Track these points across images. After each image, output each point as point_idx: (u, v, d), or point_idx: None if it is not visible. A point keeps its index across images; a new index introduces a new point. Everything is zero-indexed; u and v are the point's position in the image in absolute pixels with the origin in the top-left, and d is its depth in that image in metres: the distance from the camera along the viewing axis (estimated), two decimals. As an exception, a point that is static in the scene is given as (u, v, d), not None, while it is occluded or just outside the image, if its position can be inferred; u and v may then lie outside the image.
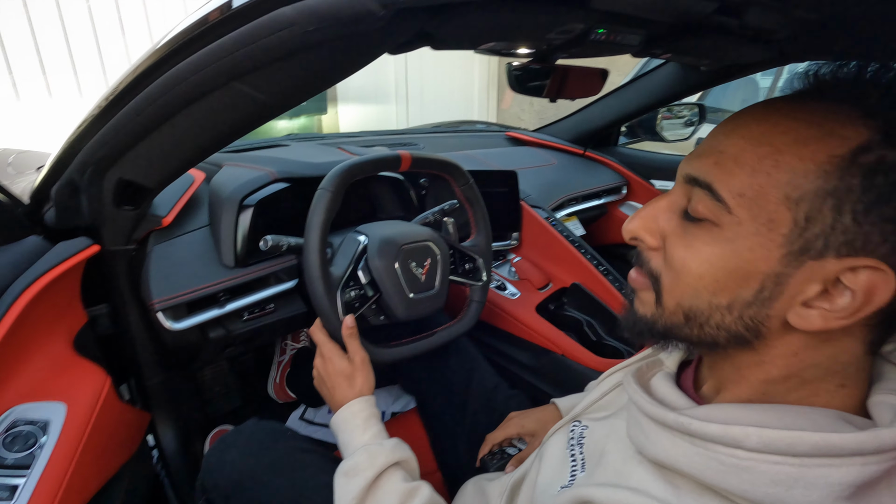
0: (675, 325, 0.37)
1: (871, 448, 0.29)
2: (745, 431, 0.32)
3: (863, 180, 0.29)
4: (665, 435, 0.36)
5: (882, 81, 0.31)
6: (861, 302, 0.30)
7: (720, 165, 0.33)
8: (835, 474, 0.29)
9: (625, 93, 1.59)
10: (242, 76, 0.48)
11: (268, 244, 0.76)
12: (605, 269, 1.13)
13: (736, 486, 0.32)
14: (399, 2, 0.32)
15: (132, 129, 0.60)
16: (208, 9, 0.47)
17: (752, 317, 0.34)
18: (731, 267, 0.33)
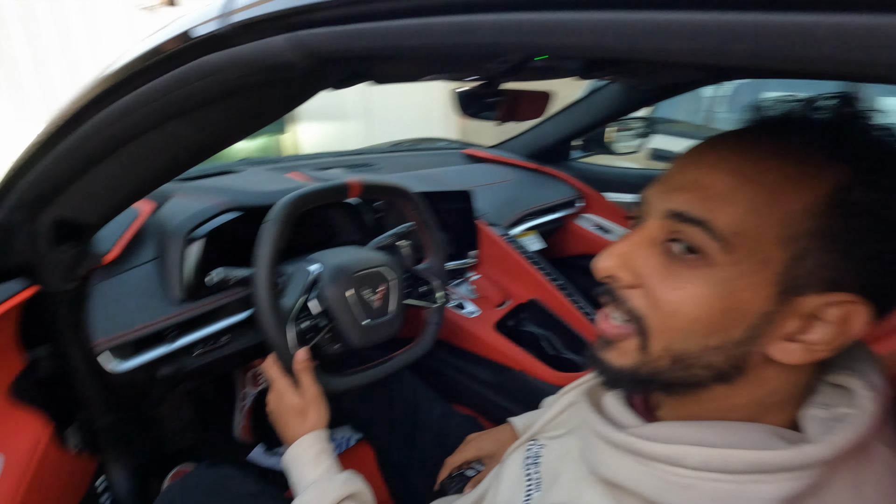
0: (660, 370, 0.36)
1: (798, 464, 0.31)
2: (686, 450, 0.33)
3: (845, 220, 0.30)
4: (614, 454, 0.37)
5: (844, 123, 0.33)
6: (838, 334, 0.32)
7: (710, 201, 0.32)
8: (766, 490, 0.31)
9: (577, 109, 1.65)
10: (177, 117, 0.48)
11: (215, 279, 0.75)
12: (562, 283, 1.16)
13: (678, 503, 0.33)
14: (320, 56, 0.33)
15: (67, 168, 0.59)
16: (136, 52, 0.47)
17: (739, 355, 0.34)
18: (725, 307, 0.32)
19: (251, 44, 0.36)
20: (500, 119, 0.90)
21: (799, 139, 0.33)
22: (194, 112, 0.48)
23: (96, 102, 0.51)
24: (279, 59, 0.35)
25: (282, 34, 0.34)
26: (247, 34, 0.37)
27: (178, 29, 0.42)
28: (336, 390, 0.77)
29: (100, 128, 0.52)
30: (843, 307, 0.31)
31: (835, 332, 0.32)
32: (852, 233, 0.30)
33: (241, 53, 0.37)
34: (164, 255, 0.81)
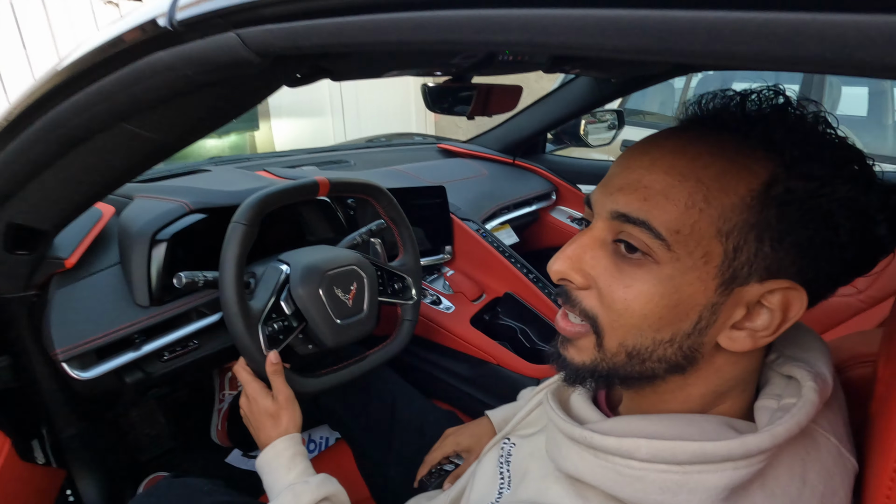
0: (617, 365, 0.37)
1: (740, 454, 0.32)
2: (637, 443, 0.34)
3: (777, 211, 0.31)
4: (574, 449, 0.38)
5: (775, 115, 0.34)
6: (780, 319, 0.33)
7: (650, 201, 0.33)
8: (711, 479, 0.32)
9: (548, 102, 1.65)
10: (129, 118, 0.46)
11: (182, 281, 0.73)
12: (535, 276, 1.17)
13: (631, 494, 0.34)
14: (273, 52, 0.33)
15: (16, 172, 0.56)
16: (87, 48, 0.45)
17: (690, 346, 0.35)
18: (673, 303, 0.34)
19: (202, 40, 0.35)
20: (472, 114, 0.90)
21: (732, 134, 0.34)
22: (147, 111, 0.46)
23: (45, 102, 0.49)
24: (232, 57, 0.34)
25: (230, 31, 0.33)
26: (194, 31, 0.36)
27: (127, 25, 0.41)
28: (311, 391, 0.76)
29: (49, 129, 0.50)
30: (782, 293, 0.33)
31: (776, 318, 0.33)
32: (785, 222, 0.32)
33: (193, 51, 0.36)
34: (127, 258, 0.78)
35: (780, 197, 0.31)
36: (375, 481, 0.87)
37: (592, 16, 0.19)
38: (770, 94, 0.34)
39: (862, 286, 1.05)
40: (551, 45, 0.22)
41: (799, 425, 0.33)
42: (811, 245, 0.32)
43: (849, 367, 0.49)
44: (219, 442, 1.23)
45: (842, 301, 1.05)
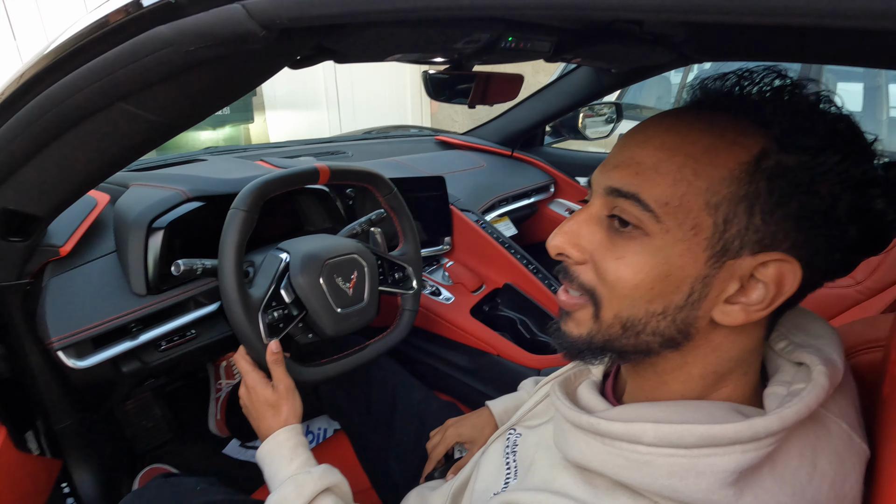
0: (612, 337, 0.37)
1: (748, 436, 0.31)
2: (643, 427, 0.34)
3: (767, 184, 0.32)
4: (582, 437, 0.38)
5: (770, 93, 0.34)
6: (774, 293, 0.33)
7: (641, 175, 0.34)
8: (719, 462, 0.32)
9: (547, 94, 1.64)
10: (127, 97, 0.45)
11: (180, 269, 0.72)
12: (535, 267, 1.16)
13: (639, 479, 0.34)
14: (280, 24, 0.31)
15: (9, 155, 0.55)
16: (83, 24, 0.44)
17: (684, 319, 0.35)
18: (663, 274, 0.34)
19: (205, 13, 0.34)
20: (471, 102, 0.89)
21: (722, 112, 0.35)
22: (146, 90, 0.45)
23: (38, 81, 0.48)
24: (236, 29, 0.33)
25: (235, 2, 0.32)
26: (197, 3, 0.34)
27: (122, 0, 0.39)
28: (312, 381, 0.76)
29: (43, 109, 0.49)
30: (775, 266, 0.33)
31: (770, 291, 0.33)
32: (776, 195, 0.32)
33: (194, 24, 0.35)
34: (124, 246, 0.77)
35: (770, 170, 0.32)
36: (376, 471, 0.87)
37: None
38: (766, 74, 0.35)
39: (860, 277, 1.06)
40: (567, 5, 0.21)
41: (808, 408, 0.32)
42: (804, 218, 0.32)
43: (857, 352, 0.49)
44: (217, 432, 1.22)
45: (840, 292, 1.05)
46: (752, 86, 0.35)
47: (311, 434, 1.21)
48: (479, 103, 0.88)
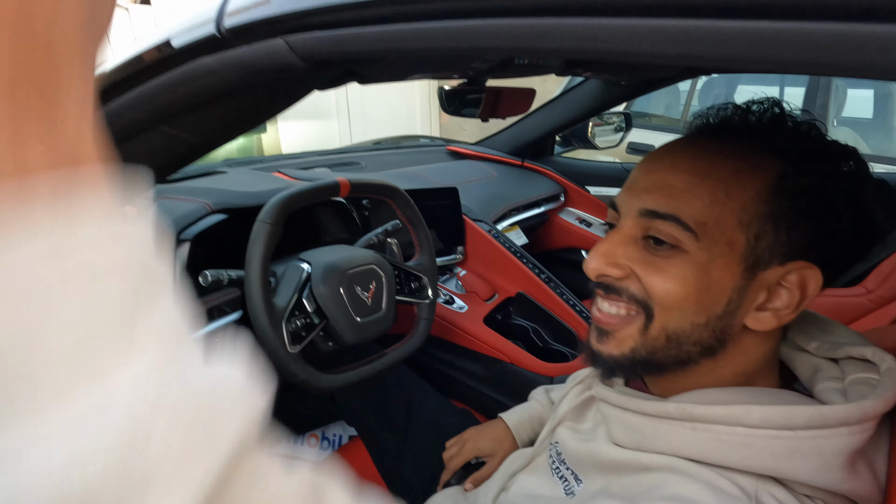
0: (656, 350, 0.39)
1: (856, 418, 0.33)
2: (747, 409, 0.34)
3: (789, 202, 0.36)
4: (664, 426, 0.38)
5: (777, 123, 0.38)
6: (799, 297, 0.37)
7: (676, 198, 0.37)
8: (825, 444, 0.33)
9: (557, 105, 1.67)
10: (169, 120, 0.48)
11: (208, 280, 0.75)
12: (547, 276, 1.18)
13: (739, 461, 0.34)
14: (318, 57, 0.34)
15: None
16: (129, 54, 0.47)
17: (722, 328, 0.38)
18: (705, 286, 0.37)
19: (248, 46, 0.37)
20: (481, 116, 0.92)
21: (738, 140, 0.38)
22: (186, 114, 0.48)
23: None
24: (278, 62, 0.35)
25: (278, 38, 0.35)
26: (241, 38, 0.37)
27: (170, 32, 0.43)
28: (331, 388, 0.78)
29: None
30: (798, 273, 0.37)
31: (796, 296, 0.37)
32: (796, 212, 0.36)
33: (238, 56, 0.37)
34: (152, 258, 0.80)
35: (791, 190, 0.36)
36: (392, 477, 0.89)
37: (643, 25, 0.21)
38: (767, 103, 0.39)
39: (871, 286, 1.06)
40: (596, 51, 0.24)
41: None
42: (819, 230, 0.36)
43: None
44: None
45: (852, 301, 1.06)
46: (758, 116, 0.38)
47: (327, 440, 1.23)
48: (489, 117, 0.91)
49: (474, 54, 0.25)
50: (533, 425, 0.74)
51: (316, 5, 0.32)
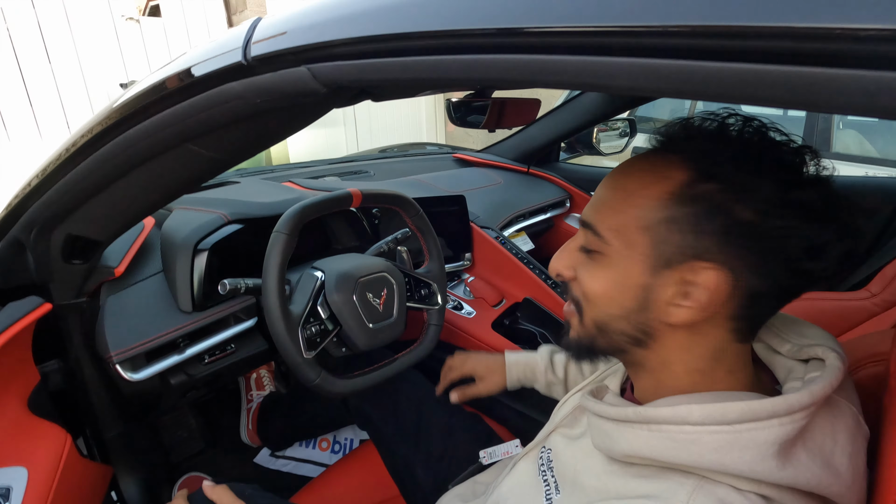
0: (593, 338, 0.46)
1: (784, 410, 0.36)
2: (689, 408, 0.38)
3: (691, 207, 0.39)
4: (628, 430, 0.42)
5: (697, 133, 0.41)
6: (708, 295, 0.39)
7: (597, 209, 0.44)
8: (760, 436, 0.36)
9: (562, 112, 1.69)
10: (195, 139, 0.51)
11: (226, 288, 0.77)
12: (553, 282, 1.20)
13: (687, 458, 0.38)
14: (339, 84, 0.37)
15: (82, 188, 0.61)
16: (158, 78, 0.50)
17: (640, 322, 0.43)
18: (618, 284, 0.42)
19: (274, 73, 0.39)
20: (486, 126, 0.94)
21: (657, 154, 0.42)
22: (211, 134, 0.51)
23: (115, 127, 0.54)
24: (301, 88, 0.38)
25: (301, 66, 0.38)
26: (267, 65, 0.40)
27: (198, 59, 0.45)
28: (343, 393, 0.80)
29: (118, 150, 0.55)
30: (706, 274, 0.39)
31: (703, 296, 0.39)
32: (698, 216, 0.38)
33: (264, 82, 0.40)
34: (171, 267, 0.83)
35: (694, 196, 0.39)
36: (404, 480, 0.91)
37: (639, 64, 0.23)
38: (704, 117, 0.42)
39: (876, 289, 1.07)
40: (595, 85, 0.26)
41: (831, 385, 0.37)
42: (730, 234, 0.38)
43: (865, 365, 0.52)
44: (249, 442, 1.27)
45: (856, 304, 1.07)
46: (688, 129, 0.42)
47: (338, 444, 1.26)
48: (494, 126, 0.94)
49: (486, 86, 0.28)
50: (526, 372, 0.84)
51: (338, 38, 0.34)
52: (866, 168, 2.55)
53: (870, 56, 0.18)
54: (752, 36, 0.20)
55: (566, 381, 0.83)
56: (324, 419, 1.18)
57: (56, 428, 0.74)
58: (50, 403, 0.80)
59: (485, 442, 0.87)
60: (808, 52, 0.19)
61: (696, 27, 0.21)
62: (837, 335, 1.05)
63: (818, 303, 1.10)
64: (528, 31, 0.27)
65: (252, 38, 0.41)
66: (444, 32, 0.29)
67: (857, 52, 0.19)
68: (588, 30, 0.24)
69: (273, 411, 1.25)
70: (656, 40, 0.22)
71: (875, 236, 1.45)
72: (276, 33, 0.40)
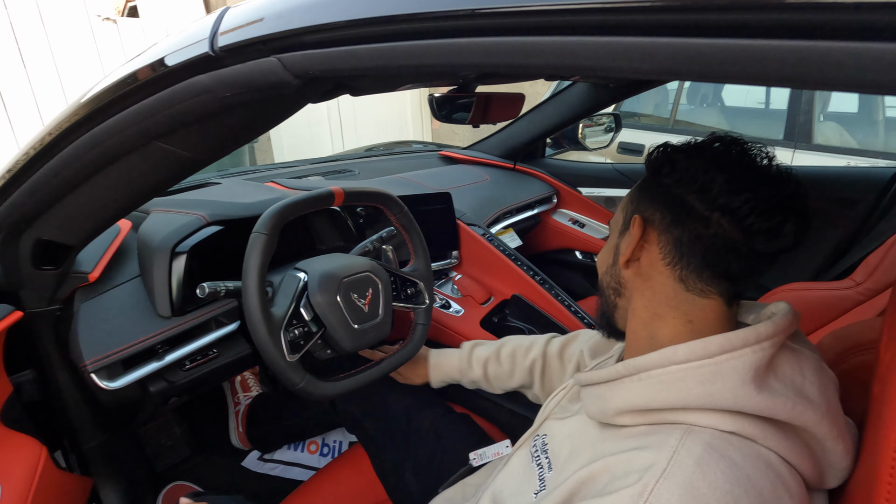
0: (603, 303, 0.56)
1: (754, 338, 0.42)
2: (674, 348, 0.43)
3: (640, 194, 0.51)
4: (619, 387, 0.46)
5: (668, 149, 0.49)
6: (635, 237, 0.49)
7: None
8: (738, 364, 0.41)
9: (547, 108, 1.69)
10: (163, 136, 0.49)
11: (205, 291, 0.75)
12: (541, 278, 1.19)
13: (676, 398, 0.42)
14: (312, 74, 0.35)
15: (49, 190, 0.59)
16: (124, 73, 0.48)
17: (614, 273, 0.53)
18: (606, 250, 0.55)
19: (242, 65, 0.37)
20: (472, 121, 0.93)
21: None
22: (181, 130, 0.49)
23: (79, 125, 0.51)
24: (271, 79, 0.36)
25: (271, 56, 0.36)
26: (235, 56, 0.38)
27: (164, 52, 0.43)
28: (330, 395, 0.79)
29: (84, 150, 0.53)
30: (636, 221, 0.49)
31: (635, 237, 0.49)
32: (644, 190, 0.51)
33: (232, 74, 0.38)
34: (149, 271, 0.80)
35: (644, 188, 0.50)
36: (392, 483, 0.89)
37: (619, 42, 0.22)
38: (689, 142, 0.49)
39: (860, 278, 1.08)
40: (575, 67, 0.25)
41: (788, 322, 0.44)
42: (653, 192, 0.49)
43: (853, 353, 0.52)
44: (239, 445, 1.24)
45: (841, 294, 1.08)
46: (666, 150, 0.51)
47: (327, 447, 1.24)
48: (479, 122, 0.92)
49: (462, 71, 0.26)
50: (442, 375, 0.94)
51: (307, 24, 0.33)
52: (847, 159, 2.58)
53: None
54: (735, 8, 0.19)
55: (487, 378, 0.91)
56: (313, 421, 1.16)
57: (31, 441, 0.71)
58: (24, 415, 0.77)
59: (475, 443, 0.86)
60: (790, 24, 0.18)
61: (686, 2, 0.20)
62: (823, 324, 1.06)
63: (803, 293, 1.11)
64: (504, 12, 0.25)
65: (220, 28, 0.39)
66: (414, 16, 0.28)
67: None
68: (572, 7, 0.23)
69: (261, 413, 1.23)
70: (640, 17, 0.21)
71: (857, 225, 1.47)
72: (244, 22, 0.38)
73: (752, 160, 0.45)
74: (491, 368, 0.90)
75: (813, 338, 0.81)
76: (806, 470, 0.42)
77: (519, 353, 0.89)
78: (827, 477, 0.44)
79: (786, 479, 0.40)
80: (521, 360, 0.88)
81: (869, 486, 0.37)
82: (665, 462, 0.38)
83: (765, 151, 0.45)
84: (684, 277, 0.47)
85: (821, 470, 0.43)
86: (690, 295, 0.47)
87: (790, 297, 1.11)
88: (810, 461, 0.42)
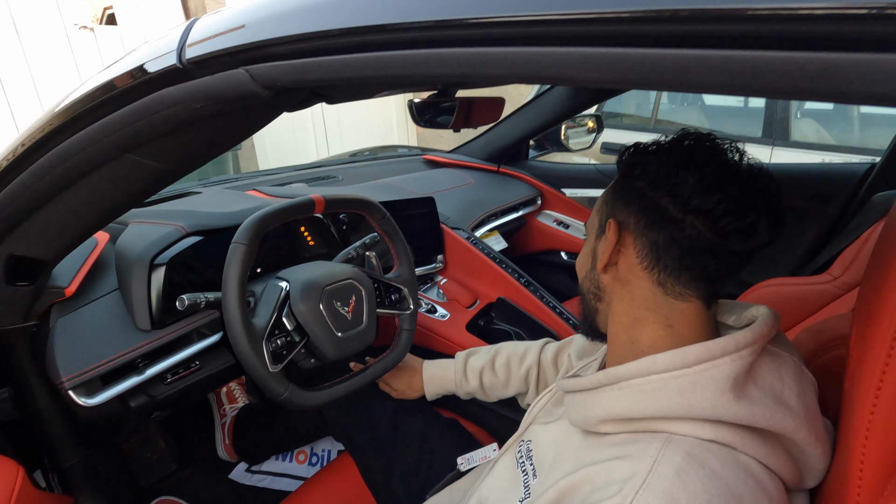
0: (584, 307, 0.56)
1: (732, 347, 0.41)
2: (654, 358, 0.43)
3: (614, 195, 0.50)
4: (600, 395, 0.46)
5: (639, 149, 0.49)
6: (611, 242, 0.48)
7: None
8: (716, 373, 0.41)
9: (529, 110, 1.70)
10: (135, 149, 0.48)
11: (185, 304, 0.74)
12: (526, 280, 1.20)
13: (656, 408, 0.42)
14: (281, 85, 0.35)
15: (19, 205, 0.57)
16: (95, 84, 0.47)
17: (592, 277, 0.53)
18: (584, 255, 0.55)
19: (211, 77, 0.37)
20: (454, 126, 0.93)
21: None
22: (152, 143, 0.48)
23: (50, 138, 0.50)
24: (240, 91, 0.36)
25: (239, 67, 0.35)
26: (203, 68, 0.38)
27: (132, 64, 0.43)
28: (315, 405, 0.78)
29: (54, 163, 0.52)
30: (612, 225, 0.49)
31: (611, 241, 0.49)
32: (618, 191, 0.50)
33: (202, 85, 0.38)
34: (127, 284, 0.79)
35: (618, 188, 0.50)
36: (380, 492, 0.89)
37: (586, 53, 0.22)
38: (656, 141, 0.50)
39: (837, 273, 1.10)
40: (540, 77, 0.25)
41: (769, 327, 0.43)
42: (627, 197, 0.48)
43: (829, 348, 0.53)
44: (226, 457, 1.23)
45: (819, 288, 1.10)
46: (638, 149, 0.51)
47: (316, 456, 1.23)
48: (462, 126, 0.93)
49: (429, 80, 0.27)
50: (437, 388, 0.92)
51: (274, 36, 0.33)
52: (823, 155, 2.64)
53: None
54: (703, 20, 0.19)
55: (483, 389, 0.89)
56: (301, 431, 1.15)
57: (6, 461, 0.69)
58: (0, 435, 0.75)
59: (463, 447, 0.85)
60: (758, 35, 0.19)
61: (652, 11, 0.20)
62: (802, 319, 1.08)
63: (782, 288, 1.13)
64: (468, 23, 0.26)
65: (188, 39, 0.39)
66: (379, 27, 0.28)
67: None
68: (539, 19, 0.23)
69: (248, 424, 1.21)
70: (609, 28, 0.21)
71: (834, 220, 1.50)
72: (212, 34, 0.38)
73: (724, 156, 0.44)
74: (486, 379, 0.89)
75: (793, 332, 0.82)
76: (785, 474, 0.42)
77: (514, 361, 0.88)
78: (806, 478, 0.44)
79: (765, 484, 0.40)
80: (517, 369, 0.87)
81: (842, 479, 0.38)
82: (645, 473, 0.39)
83: (735, 147, 0.45)
84: (662, 281, 0.47)
85: (800, 472, 0.43)
86: (669, 299, 0.47)
87: (770, 292, 1.13)
88: (789, 465, 0.42)
